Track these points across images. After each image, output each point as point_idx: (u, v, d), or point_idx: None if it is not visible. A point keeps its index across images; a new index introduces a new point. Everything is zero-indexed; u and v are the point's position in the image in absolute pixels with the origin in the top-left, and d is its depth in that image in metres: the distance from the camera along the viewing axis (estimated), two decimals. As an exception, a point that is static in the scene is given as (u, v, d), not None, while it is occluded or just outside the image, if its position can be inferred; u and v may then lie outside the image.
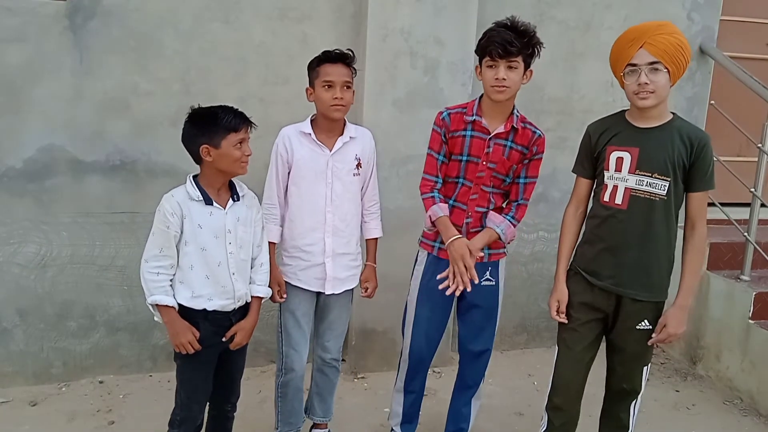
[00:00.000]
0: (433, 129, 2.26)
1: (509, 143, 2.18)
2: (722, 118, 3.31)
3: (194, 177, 2.00)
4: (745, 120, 3.27)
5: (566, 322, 2.17)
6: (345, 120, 2.31)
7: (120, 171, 2.89)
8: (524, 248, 3.52)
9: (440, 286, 2.17)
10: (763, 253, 3.15)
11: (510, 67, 2.06)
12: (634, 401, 2.20)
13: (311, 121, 2.30)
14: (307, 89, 2.27)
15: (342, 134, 2.28)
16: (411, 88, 3.04)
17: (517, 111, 2.20)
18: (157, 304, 1.94)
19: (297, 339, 2.34)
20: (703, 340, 3.36)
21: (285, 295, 2.32)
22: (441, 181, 2.26)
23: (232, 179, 2.06)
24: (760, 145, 3.11)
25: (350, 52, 2.23)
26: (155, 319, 1.99)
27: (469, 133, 2.19)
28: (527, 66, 2.11)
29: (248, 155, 2.00)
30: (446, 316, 2.36)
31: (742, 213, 3.27)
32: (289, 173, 2.29)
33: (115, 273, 2.96)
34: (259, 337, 3.15)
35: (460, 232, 2.20)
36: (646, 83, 1.93)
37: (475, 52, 2.15)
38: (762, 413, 2.98)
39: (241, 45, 2.95)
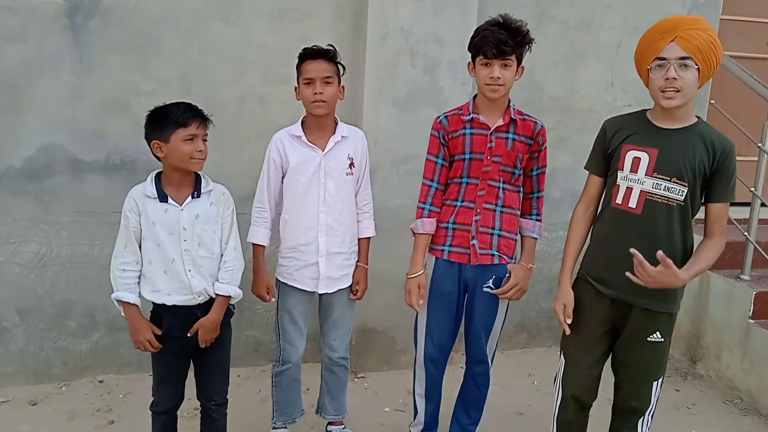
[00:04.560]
0: (431, 134, 2.28)
1: (511, 135, 2.19)
2: (722, 117, 3.30)
3: (157, 174, 2.03)
4: (745, 119, 3.26)
5: (568, 328, 2.05)
6: (337, 119, 2.32)
7: (120, 170, 2.89)
8: (524, 248, 3.50)
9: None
10: (763, 253, 3.15)
11: (504, 66, 2.09)
12: (641, 419, 2.06)
13: (302, 122, 2.30)
14: (295, 88, 2.28)
15: (334, 134, 2.28)
16: (411, 88, 3.03)
17: (513, 104, 2.22)
18: (119, 300, 1.99)
19: (293, 335, 2.38)
20: (703, 339, 3.36)
21: (274, 297, 2.34)
22: (438, 185, 2.26)
23: (201, 175, 2.06)
24: (760, 144, 3.11)
25: (331, 48, 2.22)
26: (121, 314, 2.03)
27: (468, 131, 2.20)
28: (519, 62, 2.14)
29: (200, 151, 1.97)
30: (458, 319, 2.33)
31: (742, 212, 3.26)
32: (283, 177, 2.30)
33: (115, 272, 2.96)
34: (259, 337, 3.15)
35: (469, 230, 2.21)
36: (675, 78, 1.80)
37: (468, 49, 2.17)
38: (762, 413, 2.98)
39: (241, 45, 2.94)
